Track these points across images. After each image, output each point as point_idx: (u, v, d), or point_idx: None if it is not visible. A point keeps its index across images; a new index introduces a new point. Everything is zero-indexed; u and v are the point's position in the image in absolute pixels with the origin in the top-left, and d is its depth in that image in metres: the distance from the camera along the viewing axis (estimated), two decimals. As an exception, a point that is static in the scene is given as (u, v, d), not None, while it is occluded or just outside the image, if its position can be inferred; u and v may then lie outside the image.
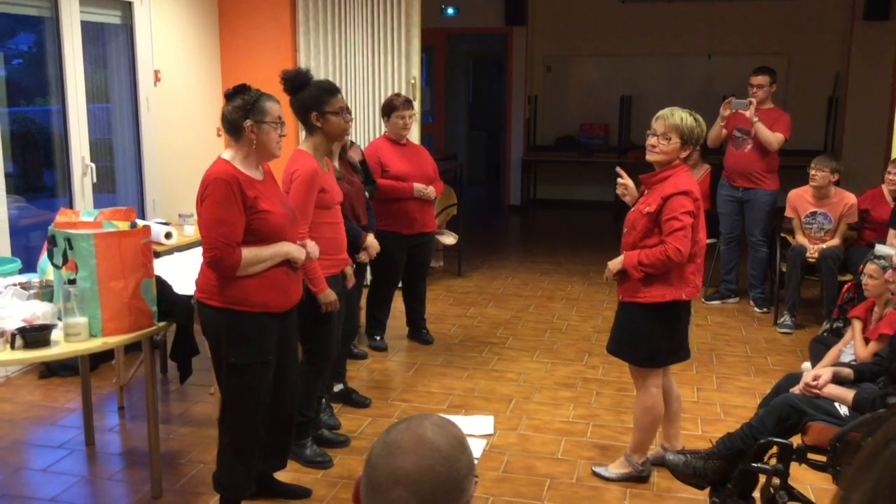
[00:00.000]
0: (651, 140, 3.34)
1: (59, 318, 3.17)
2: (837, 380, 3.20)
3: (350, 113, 4.22)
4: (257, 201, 2.93)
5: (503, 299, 6.61)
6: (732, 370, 5.04)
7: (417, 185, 5.08)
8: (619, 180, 3.51)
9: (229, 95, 2.98)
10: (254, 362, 3.06)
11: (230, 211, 2.88)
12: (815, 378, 3.17)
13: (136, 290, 3.19)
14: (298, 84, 3.47)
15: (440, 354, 5.30)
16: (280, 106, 3.04)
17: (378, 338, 5.41)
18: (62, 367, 4.82)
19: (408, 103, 5.11)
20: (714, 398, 4.59)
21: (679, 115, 3.28)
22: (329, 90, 3.54)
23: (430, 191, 5.15)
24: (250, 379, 3.07)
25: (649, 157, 3.37)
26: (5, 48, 5.79)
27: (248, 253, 2.94)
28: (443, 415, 4.46)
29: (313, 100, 3.49)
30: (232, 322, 3.00)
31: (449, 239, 7.08)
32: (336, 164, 4.16)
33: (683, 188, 3.23)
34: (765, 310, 6.16)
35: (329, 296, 3.52)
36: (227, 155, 3.00)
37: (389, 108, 5.10)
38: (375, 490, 1.19)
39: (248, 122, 2.94)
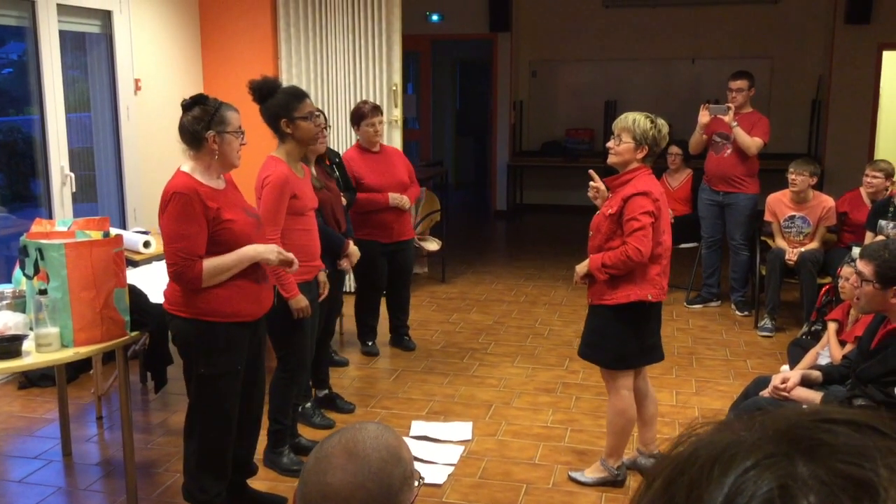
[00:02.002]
0: (609, 143, 3.39)
1: (31, 329, 3.17)
2: (806, 382, 3.22)
3: (321, 117, 4.22)
4: (220, 212, 2.92)
5: (486, 305, 6.61)
6: (712, 374, 5.05)
7: (392, 195, 5.06)
8: (591, 183, 3.54)
9: (186, 106, 2.97)
10: (224, 373, 3.05)
11: (190, 225, 2.87)
12: (784, 381, 3.18)
13: (108, 299, 3.19)
14: (266, 92, 3.47)
15: (422, 361, 5.30)
16: (239, 115, 3.04)
17: (370, 343, 5.43)
18: (41, 377, 4.81)
19: (376, 109, 5.03)
20: (692, 402, 4.60)
21: (632, 118, 3.33)
22: (297, 95, 3.54)
23: (405, 200, 5.13)
24: (220, 389, 3.07)
25: (609, 159, 3.43)
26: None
27: (209, 264, 2.92)
28: (420, 422, 4.37)
29: (282, 106, 3.48)
30: (202, 333, 3.00)
31: (432, 245, 7.08)
32: (313, 170, 4.16)
33: (642, 189, 3.27)
34: (746, 313, 6.18)
35: (300, 302, 3.52)
36: (186, 167, 2.98)
37: (358, 117, 5.03)
38: None
39: (210, 133, 2.92)
